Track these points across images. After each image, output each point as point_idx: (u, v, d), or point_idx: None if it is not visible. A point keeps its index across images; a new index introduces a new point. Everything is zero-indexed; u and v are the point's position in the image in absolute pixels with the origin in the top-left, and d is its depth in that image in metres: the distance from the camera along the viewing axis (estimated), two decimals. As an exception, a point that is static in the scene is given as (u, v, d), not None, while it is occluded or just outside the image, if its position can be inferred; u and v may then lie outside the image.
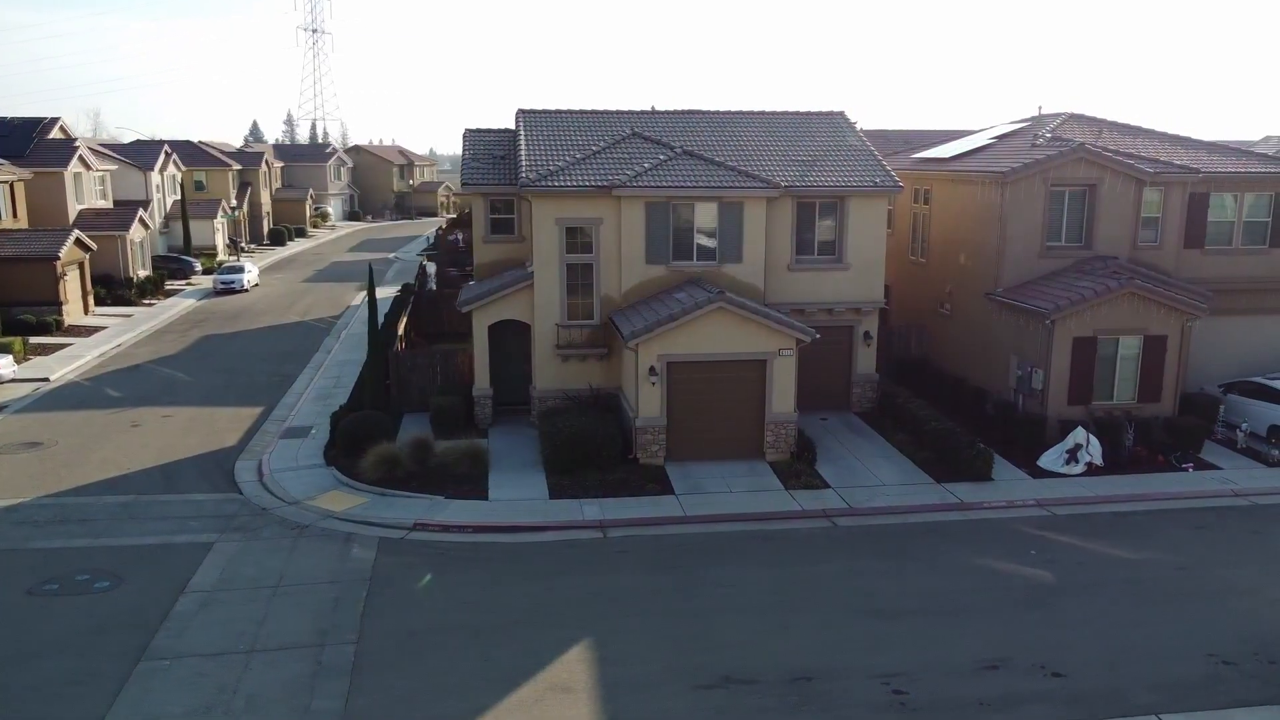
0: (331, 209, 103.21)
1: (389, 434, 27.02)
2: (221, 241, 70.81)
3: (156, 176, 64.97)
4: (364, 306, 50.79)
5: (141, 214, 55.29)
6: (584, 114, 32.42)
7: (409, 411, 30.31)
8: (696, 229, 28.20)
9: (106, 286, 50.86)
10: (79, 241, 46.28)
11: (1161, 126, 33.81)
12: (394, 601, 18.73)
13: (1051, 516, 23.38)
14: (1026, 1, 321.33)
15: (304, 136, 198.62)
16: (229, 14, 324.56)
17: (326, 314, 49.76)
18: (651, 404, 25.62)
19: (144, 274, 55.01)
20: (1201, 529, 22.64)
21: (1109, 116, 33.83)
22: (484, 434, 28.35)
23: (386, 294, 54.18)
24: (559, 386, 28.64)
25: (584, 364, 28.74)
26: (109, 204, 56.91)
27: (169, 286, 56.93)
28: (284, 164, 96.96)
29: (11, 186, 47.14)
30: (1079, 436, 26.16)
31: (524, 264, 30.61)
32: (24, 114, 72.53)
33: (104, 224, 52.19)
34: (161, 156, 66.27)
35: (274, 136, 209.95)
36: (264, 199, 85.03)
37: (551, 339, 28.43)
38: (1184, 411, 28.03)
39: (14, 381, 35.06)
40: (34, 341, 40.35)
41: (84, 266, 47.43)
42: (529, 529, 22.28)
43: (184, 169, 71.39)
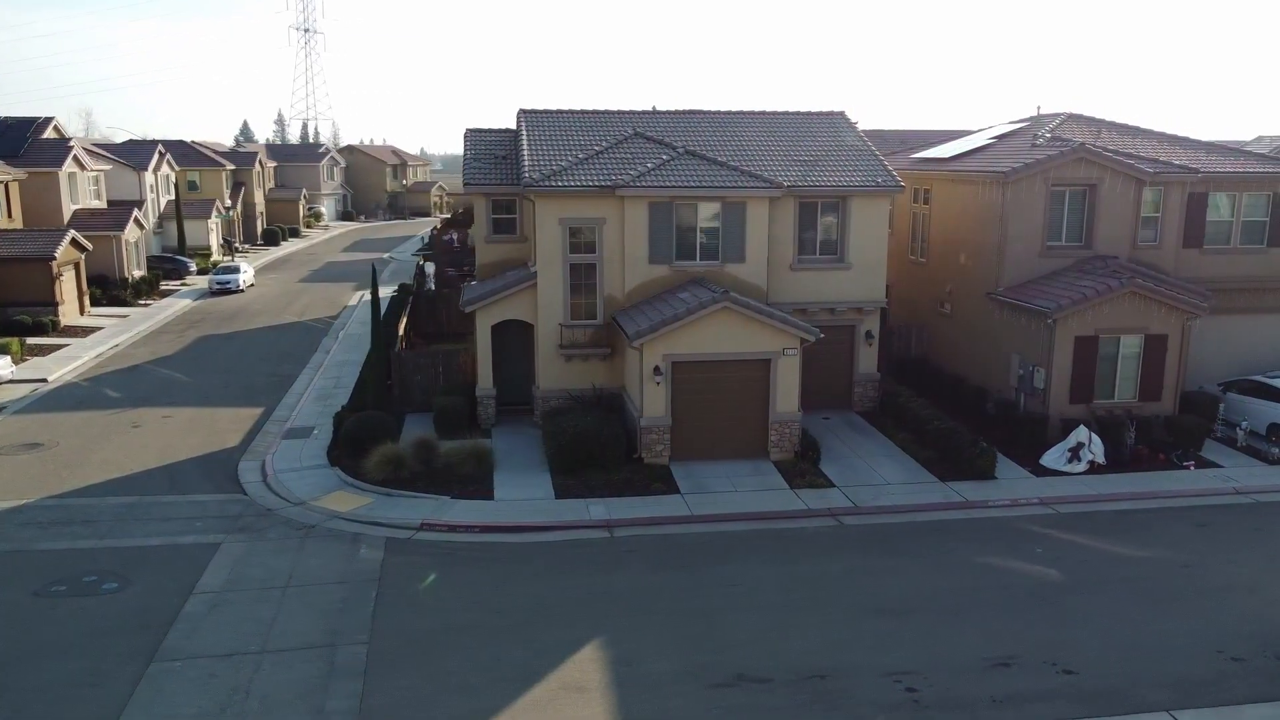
0: (325, 209, 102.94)
1: (392, 434, 26.97)
2: (216, 242, 70.56)
3: (150, 176, 64.69)
4: (361, 307, 50.90)
5: (136, 214, 55.03)
6: (585, 114, 32.43)
7: (411, 412, 30.26)
8: (699, 229, 28.24)
9: (102, 287, 50.66)
10: (75, 242, 46.08)
11: (1157, 127, 33.91)
12: (404, 602, 18.71)
13: (1055, 515, 23.49)
14: (1023, 2, 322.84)
15: (295, 136, 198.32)
16: (218, 14, 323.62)
17: (323, 314, 49.64)
18: (656, 404, 25.65)
19: (139, 274, 54.80)
20: (1204, 527, 22.77)
21: (1106, 116, 34.06)
22: (487, 434, 28.34)
23: (383, 294, 54.13)
24: (562, 386, 28.65)
25: (587, 364, 28.75)
26: (103, 204, 56.65)
27: (164, 287, 56.76)
28: (277, 164, 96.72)
29: (6, 186, 46.91)
30: (1081, 435, 26.29)
31: (526, 264, 30.63)
32: (14, 114, 72.11)
33: (99, 224, 51.94)
34: (155, 156, 65.99)
35: (264, 136, 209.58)
36: (258, 199, 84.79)
37: (555, 339, 28.43)
38: (1184, 410, 28.18)
39: (12, 382, 34.90)
40: (30, 342, 40.17)
41: (80, 267, 47.23)
42: (536, 529, 22.29)
43: (177, 169, 71.10)
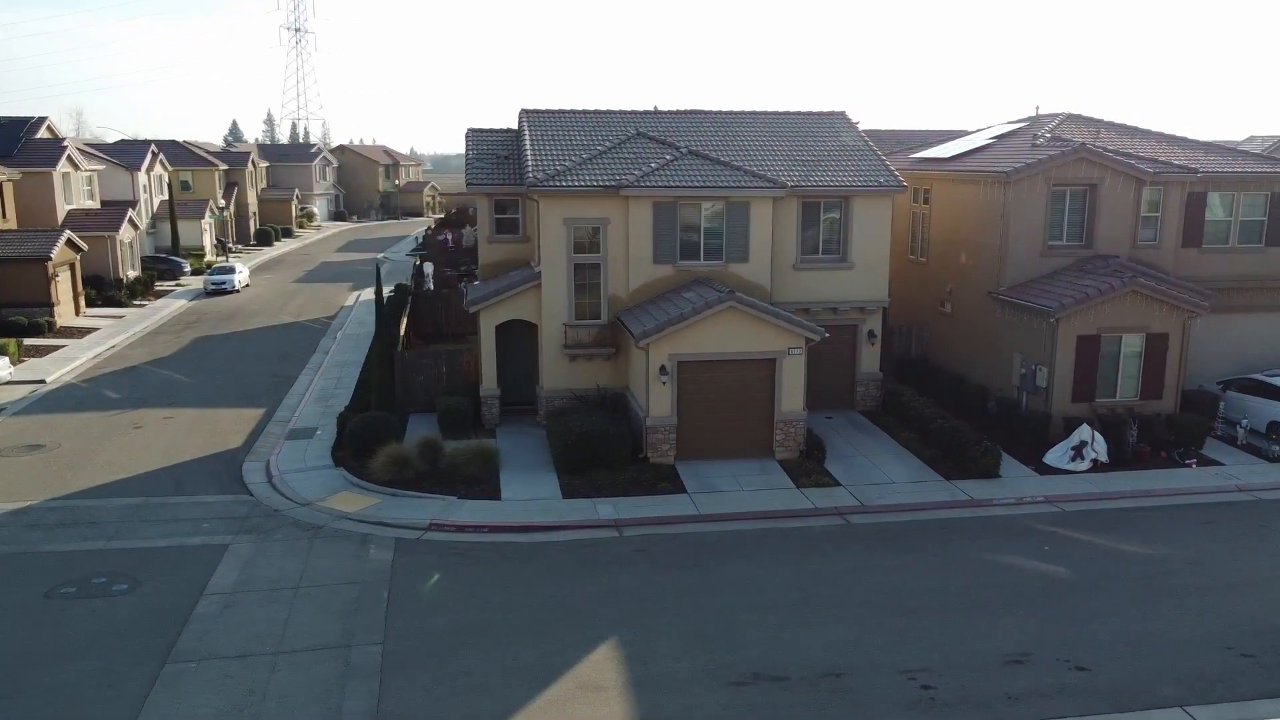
0: (317, 209, 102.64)
1: (397, 435, 26.95)
2: (209, 242, 70.30)
3: (143, 177, 64.36)
4: (358, 307, 50.83)
5: (131, 214, 54.82)
6: (587, 114, 32.45)
7: (414, 412, 30.21)
8: (703, 229, 28.29)
9: (96, 288, 50.42)
10: (70, 242, 45.88)
11: (1153, 127, 34.10)
12: (417, 602, 18.70)
13: (1061, 513, 23.61)
14: (1018, 3, 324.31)
15: (284, 136, 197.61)
16: (207, 13, 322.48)
17: (320, 315, 49.49)
18: (662, 403, 25.68)
19: (134, 275, 54.59)
20: (1209, 524, 22.93)
21: (1103, 117, 34.24)
22: (491, 434, 28.31)
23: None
24: (566, 386, 28.65)
25: (591, 364, 28.76)
26: (96, 204, 56.36)
27: (159, 287, 56.54)
28: (269, 164, 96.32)
29: (0, 187, 46.63)
30: (1084, 433, 26.42)
31: (528, 264, 30.64)
32: (4, 113, 71.47)
33: (93, 224, 51.67)
34: (149, 156, 65.62)
35: (253, 136, 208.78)
36: (250, 199, 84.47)
37: (559, 339, 28.43)
38: (1185, 408, 28.33)
39: (10, 383, 34.72)
40: (27, 343, 39.92)
41: (75, 267, 47.02)
42: (545, 529, 22.30)
43: (170, 169, 70.78)
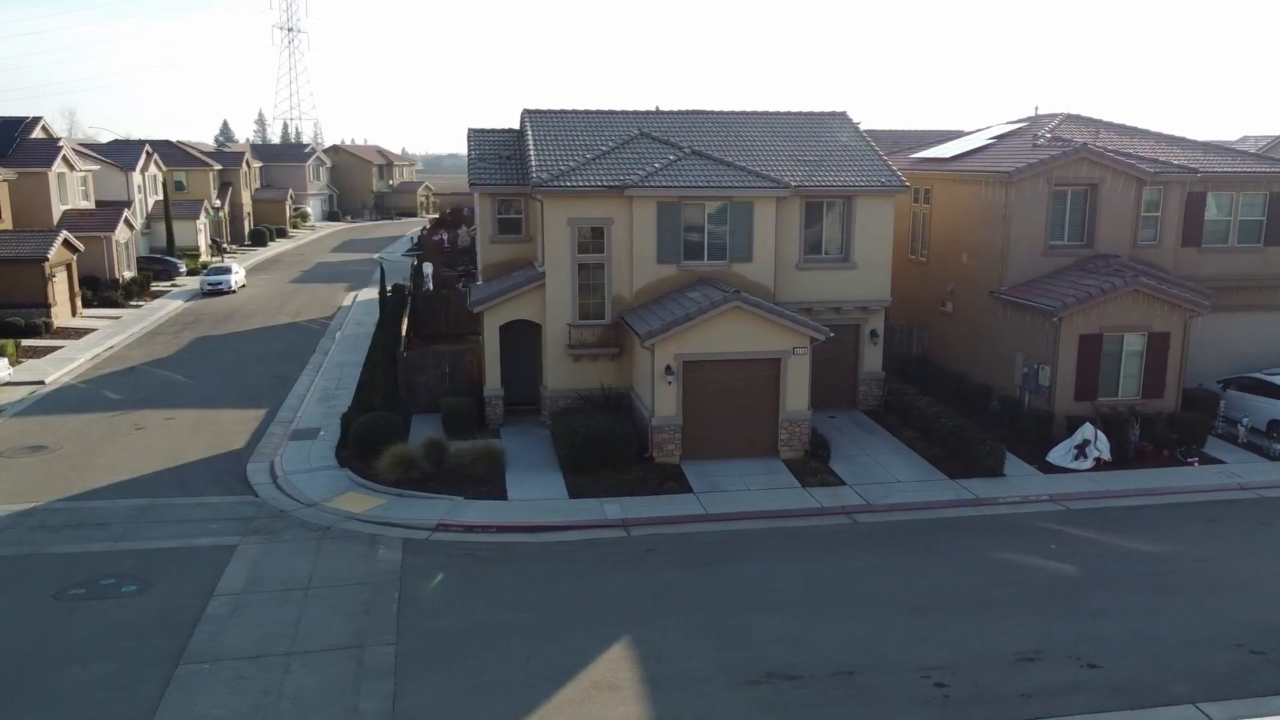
0: (311, 209, 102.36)
1: (401, 435, 26.93)
2: (204, 242, 70.04)
3: (138, 177, 64.13)
4: (356, 308, 50.77)
5: (126, 214, 54.62)
6: (589, 114, 32.48)
7: (417, 412, 30.17)
8: (707, 229, 28.33)
9: (92, 288, 50.20)
10: (67, 242, 45.68)
11: (1149, 127, 34.25)
12: (428, 602, 18.69)
13: (1066, 511, 23.72)
14: (1015, 3, 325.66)
15: (276, 136, 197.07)
16: (198, 13, 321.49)
17: (318, 315, 49.37)
18: (667, 403, 25.71)
19: (129, 275, 54.36)
20: (1213, 522, 23.06)
21: (1101, 117, 34.39)
22: (495, 434, 28.29)
23: (376, 294, 54.09)
24: (570, 386, 28.65)
25: (595, 364, 28.77)
26: (91, 205, 56.13)
27: (154, 288, 56.30)
28: (262, 164, 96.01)
29: (-4, 187, 46.49)
30: (1087, 432, 26.54)
31: (531, 264, 30.64)
32: (-3, 113, 71.01)
33: (89, 225, 51.45)
34: (143, 156, 65.40)
35: (244, 136, 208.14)
36: (245, 199, 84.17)
37: (563, 339, 28.43)
38: (1186, 407, 28.50)
39: (9, 384, 34.57)
40: (24, 344, 39.73)
41: (71, 268, 46.82)
42: (553, 528, 22.31)
43: (164, 169, 70.51)
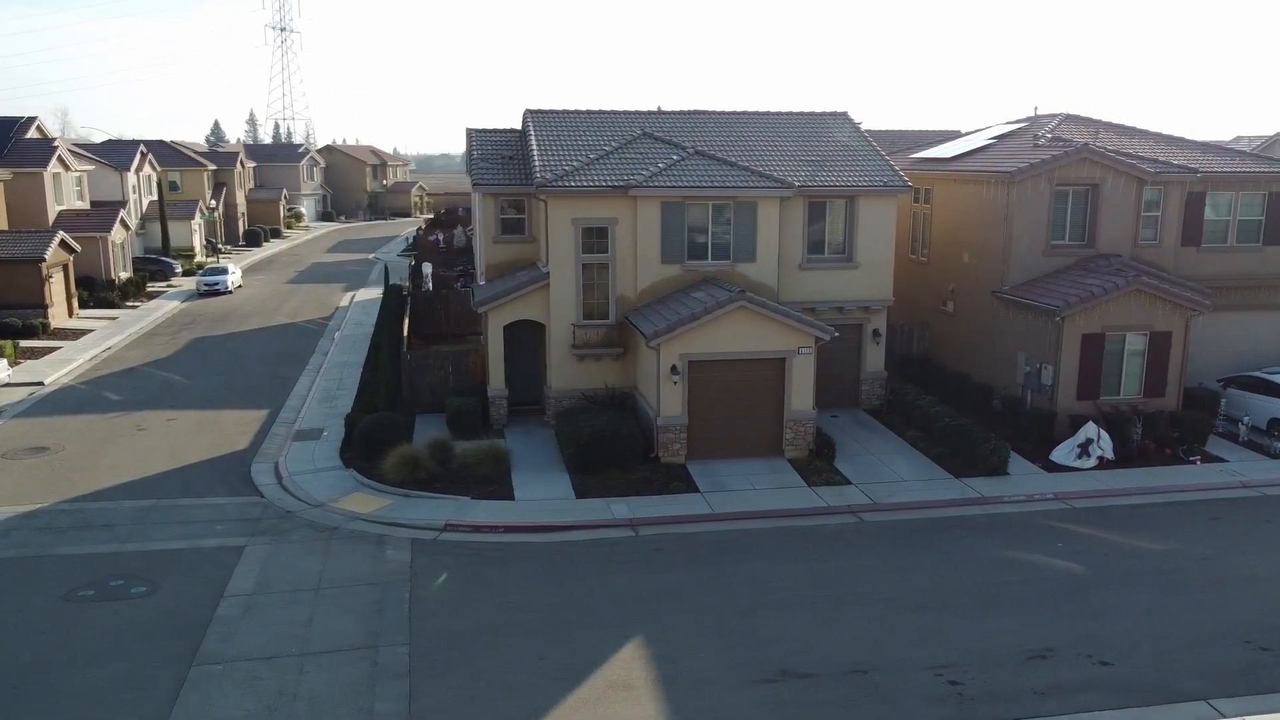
0: (305, 209, 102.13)
1: (406, 435, 26.90)
2: (199, 243, 69.81)
3: (133, 177, 63.87)
4: (353, 308, 50.62)
5: (122, 214, 54.41)
6: (591, 114, 32.51)
7: (420, 412, 30.16)
8: (711, 229, 28.38)
9: (88, 289, 49.99)
10: (63, 243, 45.46)
11: (1147, 128, 34.45)
12: (439, 602, 18.69)
13: (1071, 509, 23.82)
14: (1008, 5, 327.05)
15: (267, 136, 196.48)
16: (188, 12, 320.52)
17: (316, 315, 49.22)
18: (673, 403, 25.74)
19: (125, 276, 54.15)
20: (1217, 520, 23.20)
21: (1099, 117, 34.55)
22: (500, 434, 28.29)
23: (374, 295, 53.97)
24: (574, 386, 28.68)
25: (599, 363, 28.80)
26: (86, 205, 55.89)
27: (150, 288, 56.08)
28: (256, 164, 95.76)
29: (-9, 187, 46.26)
30: (1090, 431, 26.66)
31: (534, 264, 30.65)
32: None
33: (84, 225, 51.23)
34: (137, 156, 65.15)
35: (235, 136, 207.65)
36: (239, 199, 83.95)
37: (567, 339, 28.45)
38: (1186, 406, 28.65)
39: (8, 385, 34.41)
40: (22, 345, 39.56)
41: (68, 269, 46.62)
42: (561, 528, 22.32)
43: (159, 169, 70.27)
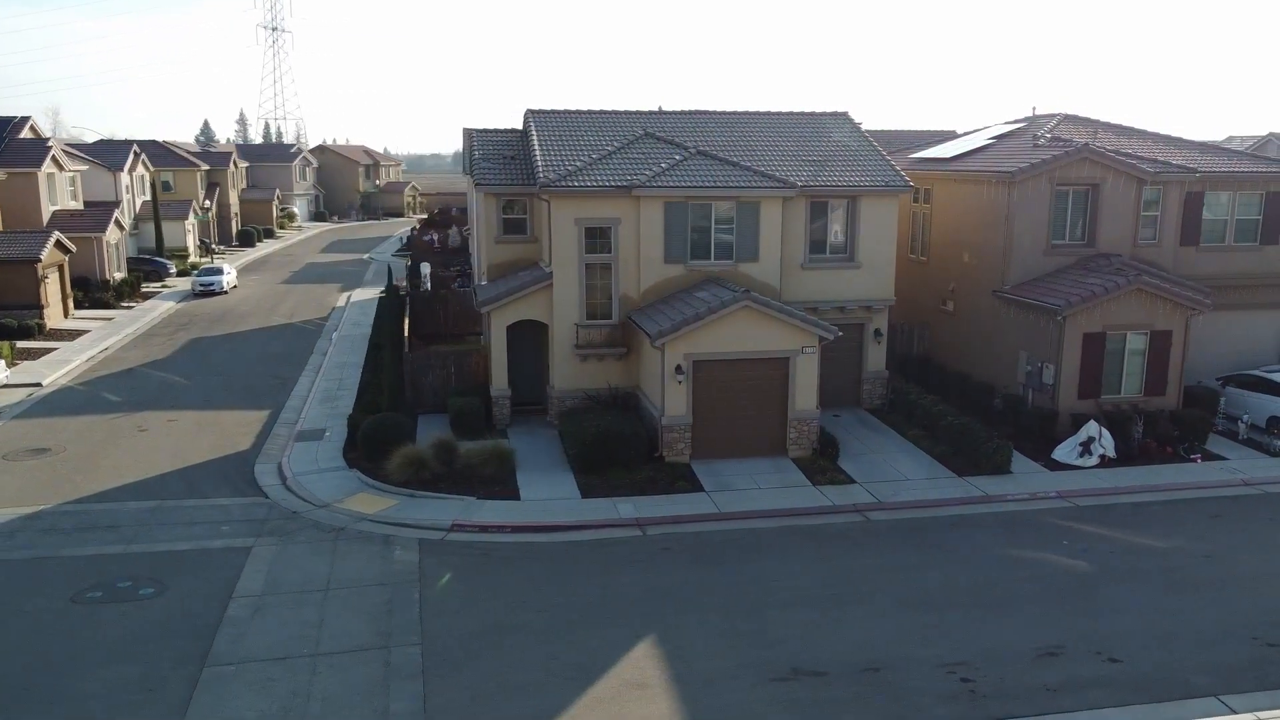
0: (297, 209, 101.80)
1: (409, 436, 26.87)
2: (193, 243, 69.58)
3: (126, 177, 63.57)
4: (350, 308, 50.58)
5: (116, 215, 54.18)
6: (593, 114, 32.51)
7: (423, 412, 30.13)
8: (714, 229, 28.42)
9: (83, 289, 49.79)
10: (59, 243, 45.26)
11: (1143, 128, 34.65)
12: (450, 602, 18.68)
13: (1074, 508, 23.94)
14: (1001, 6, 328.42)
15: (258, 136, 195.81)
16: (177, 12, 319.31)
17: (313, 316, 49.11)
18: (678, 403, 25.78)
19: (120, 276, 53.94)
20: (1219, 518, 23.35)
21: (1096, 117, 34.72)
22: (503, 434, 28.28)
23: (370, 295, 53.88)
24: (578, 386, 28.69)
25: (602, 363, 28.81)
26: (80, 205, 55.60)
27: (145, 289, 55.86)
28: (249, 164, 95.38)
29: (-14, 187, 45.99)
30: (1092, 430, 26.79)
31: (536, 264, 30.64)
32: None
33: (79, 225, 50.95)
34: (131, 156, 64.87)
35: (225, 136, 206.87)
36: (232, 199, 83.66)
37: (570, 339, 28.45)
38: (1186, 404, 28.82)
39: (6, 387, 34.23)
40: (19, 346, 39.38)
41: (63, 269, 46.41)
42: (567, 528, 22.34)
43: (152, 169, 69.96)
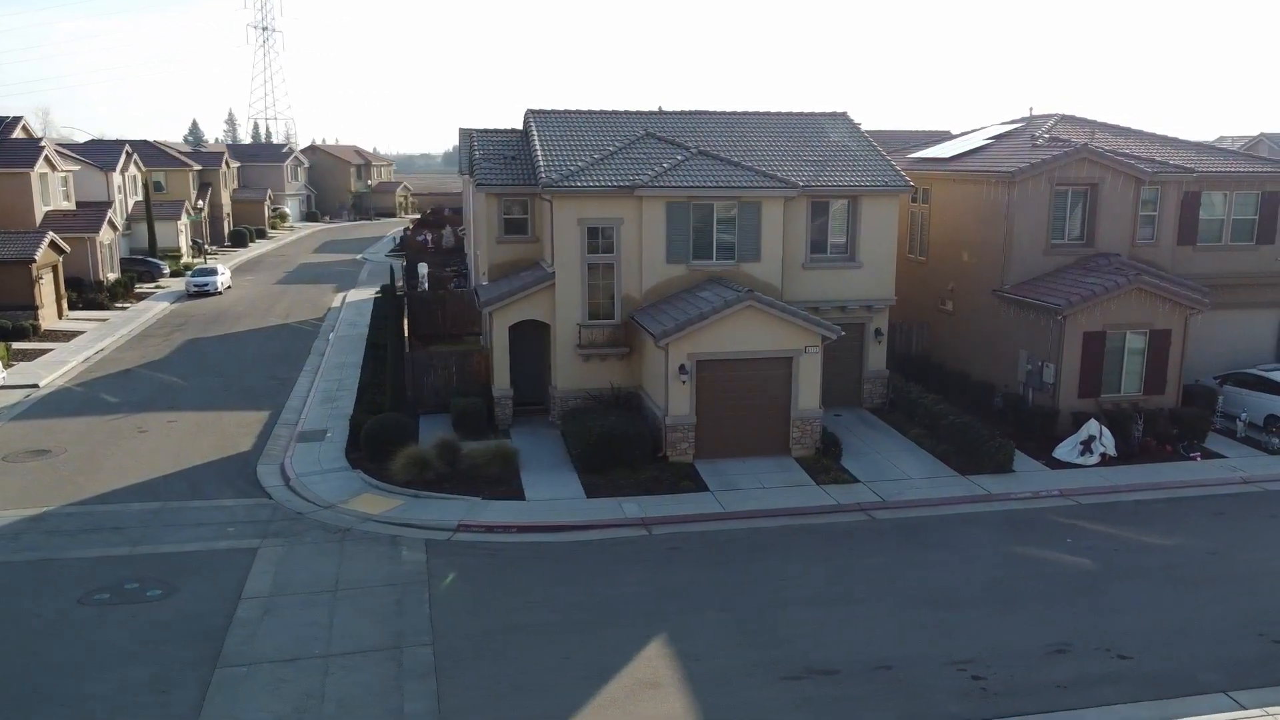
0: (289, 210, 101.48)
1: (412, 436, 26.84)
2: (185, 243, 69.26)
3: (118, 177, 63.26)
4: (346, 309, 50.46)
5: (110, 215, 53.92)
6: (593, 114, 32.52)
7: (424, 413, 30.08)
8: (716, 229, 28.47)
9: (77, 290, 49.52)
10: (53, 244, 45.03)
11: (1139, 128, 34.88)
12: (459, 602, 18.67)
13: (1077, 506, 24.07)
14: (995, 7, 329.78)
15: (246, 136, 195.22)
16: (166, 11, 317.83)
17: (308, 316, 48.98)
18: (681, 402, 25.81)
19: (113, 277, 53.66)
20: (1220, 515, 23.52)
21: (1093, 117, 34.93)
22: (505, 434, 28.26)
23: (366, 296, 53.80)
24: (580, 386, 28.70)
25: (604, 363, 28.82)
26: (72, 205, 55.28)
27: (138, 289, 55.62)
28: (240, 164, 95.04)
29: (-21, 188, 45.70)
30: (1092, 428, 26.93)
31: (537, 264, 30.64)
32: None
33: (72, 226, 50.59)
34: (123, 157, 64.59)
35: (213, 136, 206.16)
36: (224, 200, 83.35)
37: (573, 339, 28.46)
38: (1185, 403, 29.02)
39: (3, 388, 34.04)
40: (14, 347, 39.16)
41: (57, 270, 46.17)
42: (574, 528, 22.35)
43: (144, 169, 69.64)
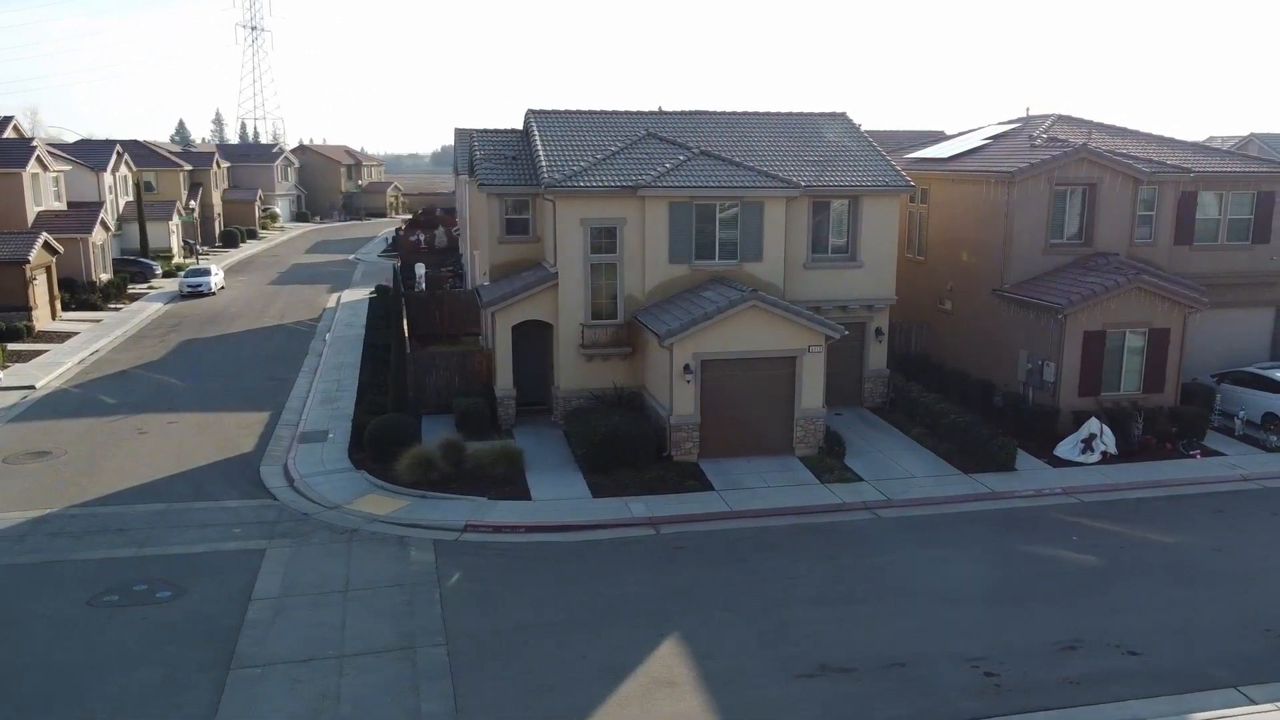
0: (280, 210, 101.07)
1: (416, 436, 26.81)
2: (177, 244, 68.98)
3: (109, 177, 62.97)
4: (341, 309, 50.26)
5: (102, 215, 53.65)
6: (594, 114, 32.54)
7: (426, 413, 30.04)
8: (718, 228, 28.53)
9: (70, 291, 49.27)
10: (47, 244, 44.82)
11: (1135, 128, 35.12)
12: (470, 602, 18.67)
13: (1080, 504, 24.22)
14: (984, 9, 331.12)
15: (234, 135, 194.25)
16: (154, 10, 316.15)
17: (304, 317, 48.81)
18: (686, 402, 25.85)
19: (106, 278, 53.41)
20: (1222, 513, 23.70)
21: (1091, 117, 35.16)
22: (509, 434, 28.25)
23: (360, 296, 53.61)
24: (583, 386, 28.72)
25: (607, 363, 28.84)
26: (64, 206, 54.97)
27: (131, 290, 55.32)
28: (230, 164, 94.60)
29: (-29, 188, 45.42)
30: (1093, 427, 27.10)
31: (539, 264, 30.64)
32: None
33: (65, 226, 50.37)
34: (114, 156, 64.28)
35: (200, 135, 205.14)
36: (215, 200, 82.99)
37: (576, 339, 28.47)
38: (1184, 401, 29.22)
39: (1, 389, 33.84)
40: (8, 348, 38.92)
41: (51, 270, 45.94)
42: (581, 528, 22.36)
43: (134, 169, 69.30)
